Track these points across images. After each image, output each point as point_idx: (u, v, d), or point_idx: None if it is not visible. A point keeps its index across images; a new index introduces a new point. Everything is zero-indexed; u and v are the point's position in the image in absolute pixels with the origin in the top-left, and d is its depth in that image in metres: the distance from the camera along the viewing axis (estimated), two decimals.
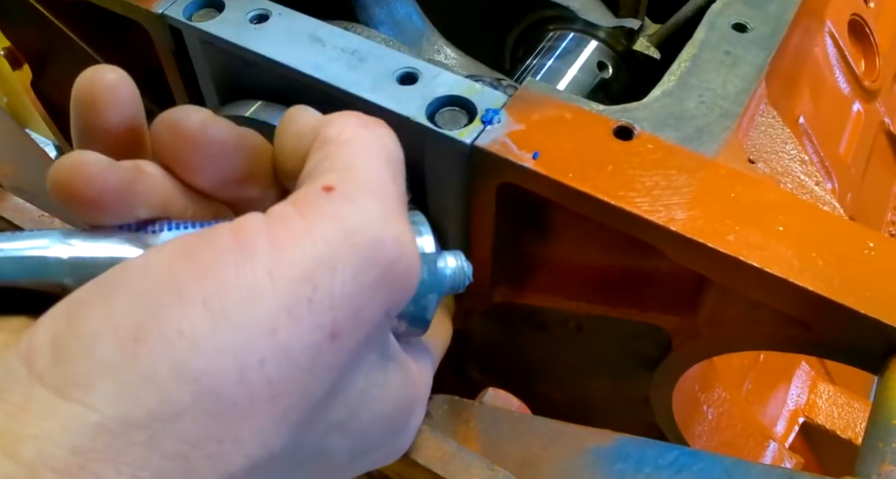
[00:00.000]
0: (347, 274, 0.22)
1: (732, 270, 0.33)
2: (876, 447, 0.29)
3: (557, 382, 0.57)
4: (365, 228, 0.23)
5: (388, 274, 0.23)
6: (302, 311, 0.21)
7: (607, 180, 0.36)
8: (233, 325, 0.20)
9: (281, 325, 0.21)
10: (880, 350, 0.32)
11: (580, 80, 0.55)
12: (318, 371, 0.22)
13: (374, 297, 0.23)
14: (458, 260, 0.31)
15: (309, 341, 0.22)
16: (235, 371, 0.20)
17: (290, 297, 0.21)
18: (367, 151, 0.26)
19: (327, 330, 0.22)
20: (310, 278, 0.22)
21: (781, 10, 0.46)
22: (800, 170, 0.46)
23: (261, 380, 0.21)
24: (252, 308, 0.21)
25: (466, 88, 0.40)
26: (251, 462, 0.21)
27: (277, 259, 0.22)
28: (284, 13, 0.44)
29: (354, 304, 0.23)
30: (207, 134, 0.28)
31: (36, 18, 0.60)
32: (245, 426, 0.21)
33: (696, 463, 0.32)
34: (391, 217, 0.24)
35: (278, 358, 0.21)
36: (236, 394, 0.20)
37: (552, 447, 0.36)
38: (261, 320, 0.21)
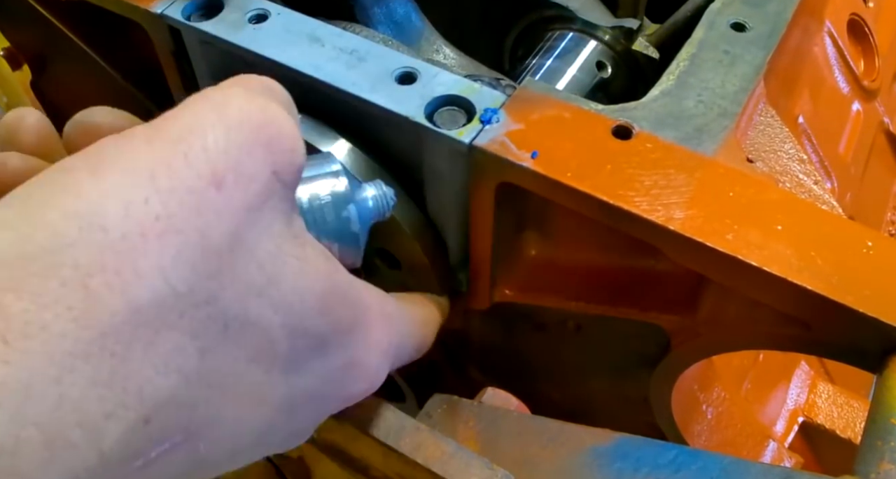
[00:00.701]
0: (219, 132, 0.25)
1: (731, 269, 0.33)
2: (875, 445, 0.29)
3: (557, 381, 0.57)
4: (231, 101, 0.26)
5: (261, 133, 0.25)
6: (179, 162, 0.24)
7: (606, 180, 0.36)
8: (112, 176, 0.23)
9: (160, 172, 0.23)
10: (879, 349, 0.32)
11: (579, 79, 0.55)
12: (206, 214, 0.24)
13: (252, 153, 0.25)
14: (377, 188, 0.34)
15: (190, 185, 0.24)
16: (120, 207, 0.22)
17: (167, 154, 0.24)
18: (245, 78, 0.29)
19: (207, 178, 0.24)
20: (183, 139, 0.24)
21: (780, 10, 0.46)
22: (798, 169, 0.46)
23: (148, 215, 0.23)
24: (131, 163, 0.23)
25: (465, 88, 0.40)
26: (155, 296, 0.22)
27: (154, 132, 0.25)
28: (283, 13, 0.44)
29: (231, 157, 0.25)
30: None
31: (36, 19, 0.60)
32: (140, 258, 0.22)
33: (695, 462, 0.32)
34: (258, 96, 0.27)
35: (161, 198, 0.23)
36: (124, 227, 0.22)
37: (551, 446, 0.36)
38: (140, 170, 0.23)
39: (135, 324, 0.22)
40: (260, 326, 0.26)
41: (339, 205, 0.31)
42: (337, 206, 0.31)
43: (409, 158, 0.42)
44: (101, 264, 0.21)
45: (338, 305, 0.29)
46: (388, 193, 0.34)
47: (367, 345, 0.31)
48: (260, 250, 0.26)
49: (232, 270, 0.25)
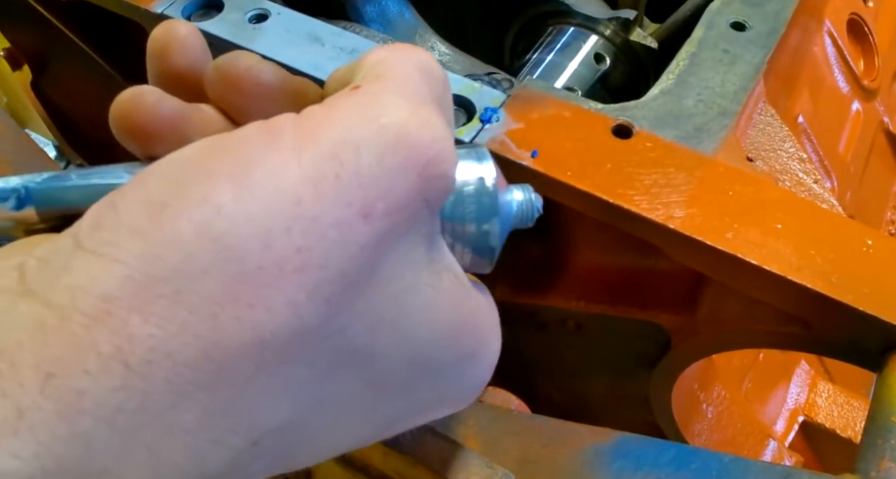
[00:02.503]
0: (372, 155, 0.22)
1: (731, 267, 0.33)
2: (875, 444, 0.29)
3: (557, 380, 0.57)
4: (389, 112, 0.23)
5: (418, 157, 0.23)
6: (328, 186, 0.22)
7: (606, 179, 0.36)
8: (257, 194, 0.21)
9: (307, 196, 0.21)
10: (879, 347, 0.32)
11: (580, 73, 0.55)
12: (350, 247, 0.22)
13: (406, 180, 0.23)
14: (525, 193, 0.31)
15: (337, 215, 0.22)
16: (260, 236, 0.21)
17: (316, 173, 0.22)
18: (400, 62, 0.26)
19: (356, 207, 0.22)
20: (335, 156, 0.22)
21: (780, 9, 0.46)
22: (798, 168, 0.46)
23: (288, 247, 0.21)
24: (276, 181, 0.21)
25: (465, 87, 0.40)
26: (284, 331, 0.21)
27: (302, 140, 0.22)
28: (283, 13, 0.44)
29: (384, 184, 0.22)
30: (253, 76, 0.28)
31: (36, 19, 0.60)
32: (275, 292, 0.21)
33: (695, 461, 0.32)
34: (418, 107, 0.24)
35: (305, 227, 0.21)
36: (262, 258, 0.21)
37: (551, 445, 0.36)
38: (286, 192, 0.21)
39: (259, 358, 0.21)
40: (384, 355, 0.25)
41: (483, 217, 0.28)
42: (480, 217, 0.28)
43: None
44: (234, 295, 0.20)
45: (464, 335, 0.28)
46: (535, 200, 0.31)
47: (484, 370, 0.30)
48: (397, 282, 0.24)
49: (366, 302, 0.23)
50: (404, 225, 0.24)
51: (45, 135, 1.10)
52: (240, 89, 0.28)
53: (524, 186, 0.31)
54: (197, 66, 0.30)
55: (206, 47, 0.30)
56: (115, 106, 0.27)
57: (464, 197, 0.28)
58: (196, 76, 0.30)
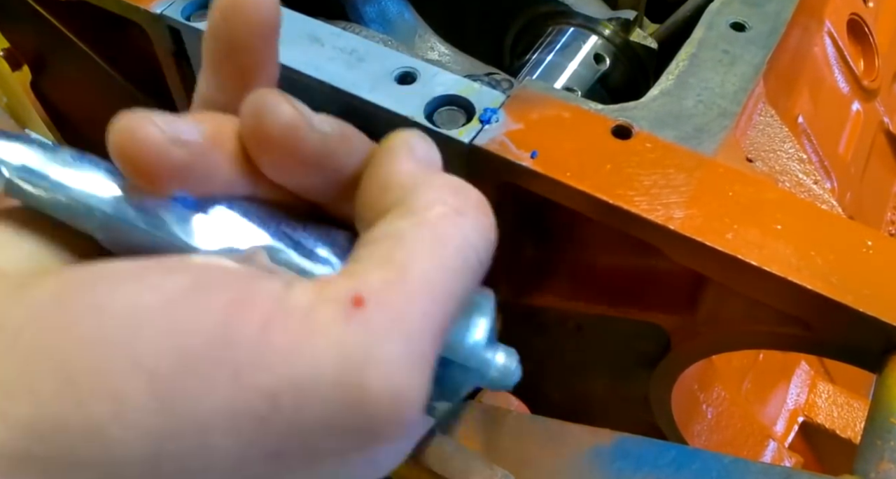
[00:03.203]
0: (316, 411, 0.20)
1: (731, 268, 0.33)
2: (874, 445, 0.29)
3: (557, 381, 0.57)
4: (365, 370, 0.20)
5: (371, 426, 0.21)
6: (247, 425, 0.20)
7: (606, 179, 0.36)
8: (166, 409, 0.19)
9: (217, 428, 0.20)
10: (879, 348, 0.32)
11: (580, 74, 0.55)
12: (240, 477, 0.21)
13: (342, 439, 0.21)
14: (508, 360, 0.27)
15: (240, 453, 0.20)
16: (151, 454, 0.20)
17: (243, 406, 0.20)
18: (438, 251, 0.22)
19: (267, 451, 0.20)
20: (274, 398, 0.20)
21: (780, 10, 0.46)
22: (798, 169, 0.46)
23: (175, 470, 0.20)
24: (197, 400, 0.20)
25: (465, 88, 0.40)
26: None
27: (252, 360, 0.20)
28: (283, 13, 0.44)
29: (311, 439, 0.20)
30: (292, 138, 0.25)
31: (35, 19, 0.60)
32: None
33: (695, 462, 0.32)
34: (406, 363, 0.21)
35: (200, 456, 0.20)
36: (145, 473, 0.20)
37: (551, 446, 0.36)
38: (199, 416, 0.20)
39: None
40: None
41: (436, 396, 0.26)
42: (436, 395, 0.26)
43: None
44: None
45: None
46: (513, 372, 0.27)
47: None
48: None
49: None
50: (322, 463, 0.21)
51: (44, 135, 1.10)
52: (273, 149, 0.25)
53: (510, 351, 0.27)
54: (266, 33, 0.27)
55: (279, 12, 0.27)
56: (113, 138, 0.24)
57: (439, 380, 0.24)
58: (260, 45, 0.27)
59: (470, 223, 0.24)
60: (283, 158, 0.25)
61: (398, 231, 0.23)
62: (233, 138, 0.26)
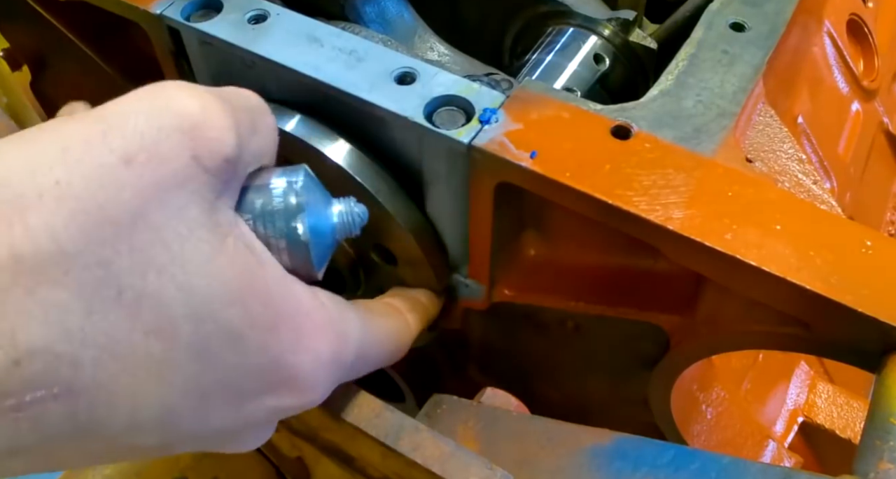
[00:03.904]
0: (140, 117, 0.27)
1: (730, 268, 0.33)
2: (874, 445, 0.29)
3: (556, 381, 0.57)
4: (164, 90, 0.28)
5: (184, 120, 0.27)
6: (96, 139, 0.26)
7: (605, 179, 0.36)
8: (31, 145, 0.26)
9: (74, 145, 0.26)
10: (878, 349, 0.32)
11: (580, 74, 0.55)
12: (109, 186, 0.26)
13: (170, 136, 0.27)
14: (346, 205, 0.34)
15: (100, 160, 0.26)
16: (25, 170, 0.25)
17: (87, 131, 0.26)
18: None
19: (118, 155, 0.26)
20: (107, 119, 0.27)
21: (779, 10, 0.46)
22: (798, 169, 0.46)
23: (48, 179, 0.25)
24: (52, 137, 0.26)
25: (464, 88, 0.40)
26: (39, 249, 0.24)
27: (88, 114, 0.27)
28: (282, 13, 0.44)
29: (146, 138, 0.26)
30: None
31: (35, 19, 0.60)
32: (32, 214, 0.24)
33: (694, 462, 0.32)
34: (194, 90, 0.28)
35: (68, 166, 0.25)
36: (23, 186, 0.25)
37: (550, 446, 0.36)
38: (56, 143, 0.26)
39: (15, 271, 0.24)
40: (159, 300, 0.26)
41: (290, 215, 0.32)
42: (288, 215, 0.32)
43: (408, 157, 0.42)
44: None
45: (253, 300, 0.29)
46: (357, 210, 0.35)
47: (297, 351, 0.31)
48: (167, 230, 0.27)
49: (129, 241, 0.26)
50: (171, 178, 0.27)
51: None
52: None
53: (347, 198, 0.35)
54: None
55: None
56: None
57: (272, 197, 0.32)
58: None
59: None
60: None
61: None
62: None
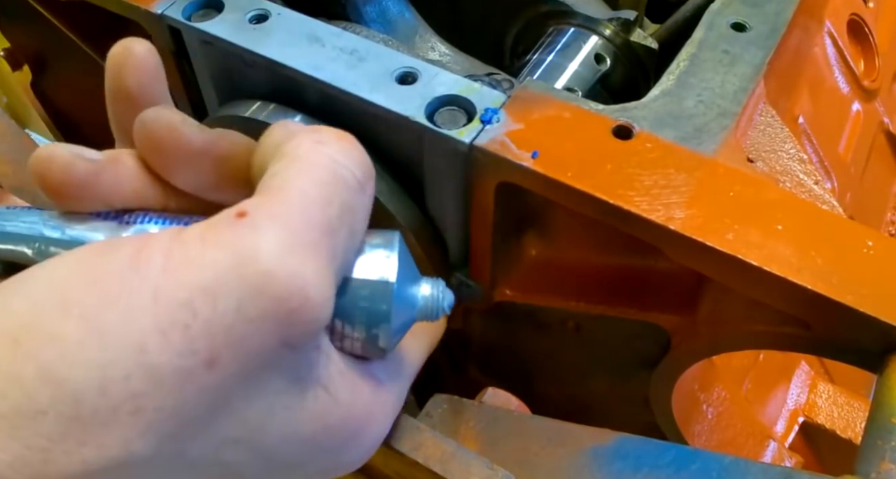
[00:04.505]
0: (230, 305, 0.23)
1: (731, 268, 0.33)
2: (875, 445, 0.29)
3: (557, 381, 0.57)
4: (258, 257, 0.23)
5: (280, 308, 0.23)
6: (175, 335, 0.22)
7: (606, 179, 0.36)
8: (103, 340, 0.22)
9: (152, 346, 0.22)
10: (879, 349, 0.32)
11: (581, 74, 0.55)
12: (189, 392, 0.23)
13: (262, 329, 0.23)
14: (434, 288, 0.30)
15: (179, 364, 0.22)
16: (98, 383, 0.22)
17: (167, 320, 0.23)
18: (308, 171, 0.26)
19: (202, 357, 0.23)
20: (190, 304, 0.23)
21: (780, 10, 0.46)
22: (799, 169, 0.46)
23: (123, 393, 0.22)
24: (126, 326, 0.22)
25: (465, 88, 0.40)
26: (111, 463, 0.22)
27: (165, 282, 0.23)
28: (283, 13, 0.44)
29: (235, 334, 0.23)
30: (175, 139, 0.28)
31: (36, 19, 0.60)
32: (107, 432, 0.22)
33: (695, 462, 0.32)
34: (294, 249, 0.24)
35: (144, 375, 0.22)
36: (97, 403, 0.22)
37: (551, 446, 0.36)
38: (132, 339, 0.22)
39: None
40: (232, 463, 0.26)
41: (373, 322, 0.28)
42: (371, 322, 0.28)
43: (409, 157, 0.42)
44: (66, 434, 0.22)
45: (328, 439, 0.28)
46: (443, 298, 0.30)
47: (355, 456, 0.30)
48: (245, 410, 0.25)
49: (206, 429, 0.24)
50: (257, 369, 0.24)
51: (44, 135, 1.10)
52: (161, 151, 0.29)
53: (436, 280, 0.30)
54: (148, 89, 0.31)
55: (160, 71, 0.31)
56: (31, 162, 0.28)
57: (357, 300, 0.28)
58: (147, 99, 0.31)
59: (332, 148, 0.27)
60: (172, 154, 0.29)
61: (275, 171, 0.26)
62: (132, 156, 0.30)
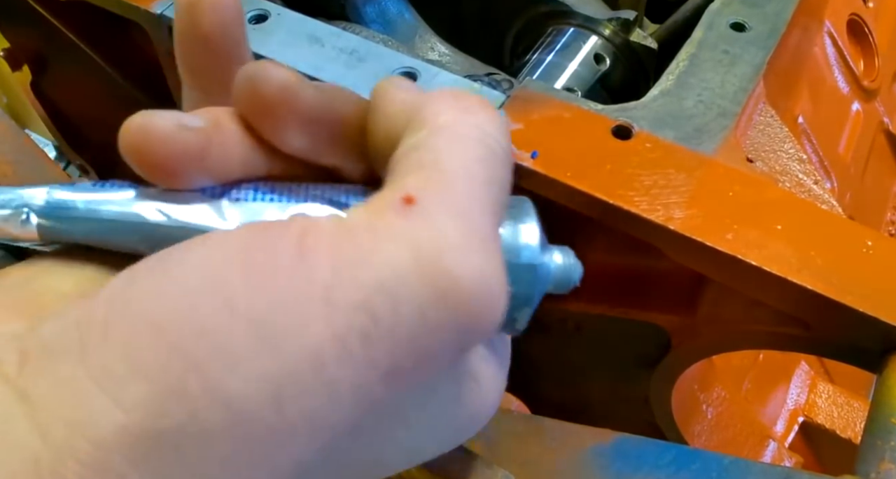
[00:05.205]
0: (412, 309, 0.20)
1: (731, 268, 0.33)
2: (875, 445, 0.29)
3: (557, 381, 0.57)
4: (441, 255, 0.20)
5: (463, 313, 0.20)
6: (355, 345, 0.19)
7: (606, 179, 0.36)
8: (277, 351, 0.19)
9: (330, 358, 0.19)
10: (879, 349, 0.32)
11: (581, 74, 0.55)
12: (365, 408, 0.20)
13: (443, 338, 0.21)
14: (566, 257, 0.27)
15: (358, 379, 0.20)
16: (272, 400, 0.19)
17: (345, 326, 0.19)
18: (462, 145, 0.23)
19: (382, 369, 0.20)
20: (368, 308, 0.20)
21: (780, 10, 0.46)
22: (798, 169, 0.46)
23: (301, 412, 0.19)
24: (301, 333, 0.19)
25: (465, 88, 0.40)
26: (280, 475, 0.20)
27: (337, 277, 0.20)
28: (283, 13, 0.44)
29: (418, 345, 0.20)
30: (289, 98, 0.25)
31: (36, 19, 0.60)
32: (281, 453, 0.20)
33: (695, 462, 0.32)
34: (475, 242, 0.21)
35: (321, 392, 0.19)
36: (272, 423, 0.19)
37: (551, 446, 0.36)
38: (309, 350, 0.19)
39: None
40: (385, 460, 0.25)
41: (516, 305, 0.25)
42: (513, 306, 0.25)
43: None
44: (237, 457, 0.19)
45: (470, 425, 0.27)
46: (574, 269, 0.27)
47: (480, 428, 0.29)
48: (415, 417, 0.24)
49: (373, 438, 0.23)
50: (433, 378, 0.23)
51: (45, 135, 1.10)
52: (273, 112, 0.25)
53: (565, 249, 0.27)
54: (229, 28, 0.27)
55: (238, 8, 0.27)
56: (124, 134, 0.23)
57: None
58: (227, 42, 0.27)
59: (480, 116, 0.24)
60: (285, 117, 0.25)
61: (418, 142, 0.23)
62: (234, 119, 0.26)
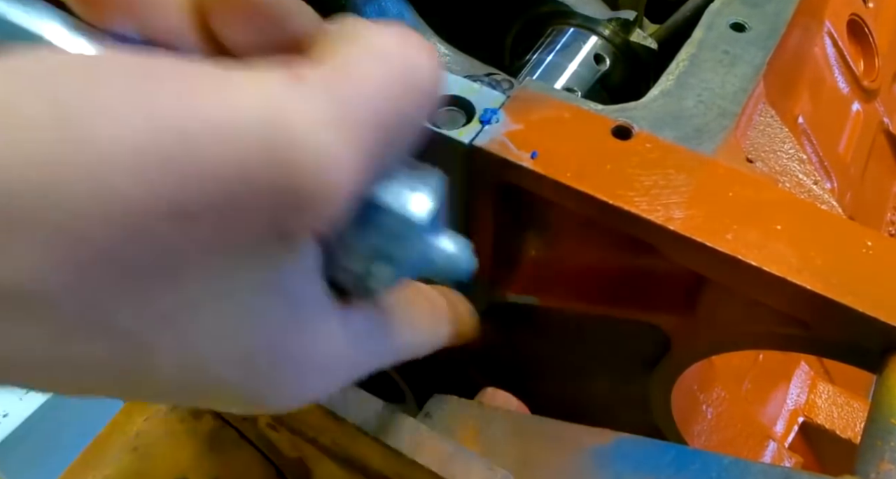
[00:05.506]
0: (236, 155, 0.18)
1: (731, 269, 0.33)
2: (874, 445, 0.29)
3: (557, 382, 0.57)
4: (294, 121, 0.19)
5: (290, 182, 0.19)
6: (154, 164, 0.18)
7: (606, 180, 0.36)
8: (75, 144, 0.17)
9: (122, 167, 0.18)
10: (879, 349, 0.32)
11: (580, 74, 0.55)
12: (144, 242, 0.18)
13: (259, 198, 0.19)
14: (458, 249, 0.27)
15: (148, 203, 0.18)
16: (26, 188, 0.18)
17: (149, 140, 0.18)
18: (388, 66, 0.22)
19: (181, 208, 0.18)
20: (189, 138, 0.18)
21: (780, 10, 0.46)
22: (798, 169, 0.46)
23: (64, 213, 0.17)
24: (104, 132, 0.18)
25: (465, 88, 0.40)
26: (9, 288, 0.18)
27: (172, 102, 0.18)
28: None
29: (228, 195, 0.19)
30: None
31: None
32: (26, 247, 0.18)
33: (695, 462, 0.32)
34: (338, 125, 0.20)
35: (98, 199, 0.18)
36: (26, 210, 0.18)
37: (551, 446, 0.36)
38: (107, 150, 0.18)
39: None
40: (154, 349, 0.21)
41: (377, 255, 0.24)
42: (373, 255, 0.24)
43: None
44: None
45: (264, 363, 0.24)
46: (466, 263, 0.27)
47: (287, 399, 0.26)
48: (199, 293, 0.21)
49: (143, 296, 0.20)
50: (232, 248, 0.20)
51: None
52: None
53: (461, 240, 0.27)
54: None
55: None
56: None
57: (369, 227, 0.24)
58: None
59: (421, 58, 0.23)
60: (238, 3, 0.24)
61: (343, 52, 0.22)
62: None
